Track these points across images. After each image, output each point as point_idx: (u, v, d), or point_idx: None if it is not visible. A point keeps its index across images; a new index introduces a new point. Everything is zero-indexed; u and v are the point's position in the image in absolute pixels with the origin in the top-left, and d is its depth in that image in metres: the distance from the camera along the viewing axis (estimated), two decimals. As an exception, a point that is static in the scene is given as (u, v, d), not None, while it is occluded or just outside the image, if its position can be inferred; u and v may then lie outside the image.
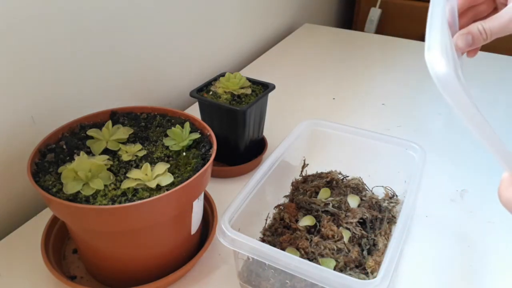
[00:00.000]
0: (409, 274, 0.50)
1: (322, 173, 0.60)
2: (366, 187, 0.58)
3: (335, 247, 0.47)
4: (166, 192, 0.40)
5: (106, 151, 0.46)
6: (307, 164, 0.60)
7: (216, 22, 0.91)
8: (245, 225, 0.45)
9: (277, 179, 0.52)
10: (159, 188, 0.42)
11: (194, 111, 0.64)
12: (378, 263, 0.45)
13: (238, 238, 0.40)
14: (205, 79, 0.67)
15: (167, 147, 0.48)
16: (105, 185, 0.41)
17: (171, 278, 0.46)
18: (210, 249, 0.50)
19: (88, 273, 0.49)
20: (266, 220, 0.52)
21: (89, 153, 0.46)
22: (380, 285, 0.36)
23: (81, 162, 0.42)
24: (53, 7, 0.56)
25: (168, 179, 0.42)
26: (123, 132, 0.49)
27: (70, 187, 0.40)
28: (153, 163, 0.45)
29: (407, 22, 1.33)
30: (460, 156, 0.70)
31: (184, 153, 0.47)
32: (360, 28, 1.46)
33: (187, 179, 0.42)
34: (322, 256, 0.46)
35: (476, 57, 0.49)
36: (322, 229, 0.50)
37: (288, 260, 0.38)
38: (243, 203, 0.45)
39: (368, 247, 0.48)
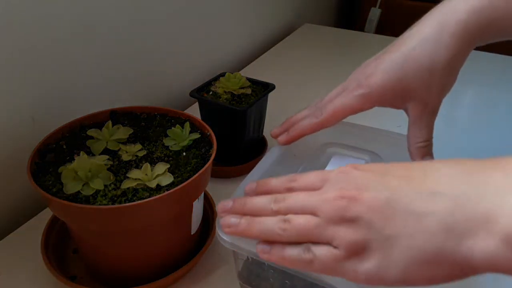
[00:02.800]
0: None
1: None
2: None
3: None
4: (166, 192, 0.40)
5: (106, 151, 0.46)
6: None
7: (216, 22, 0.91)
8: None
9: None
10: (159, 188, 0.42)
11: (194, 111, 0.64)
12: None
13: (238, 238, 0.40)
14: (205, 79, 0.67)
15: (167, 147, 0.48)
16: (105, 185, 0.41)
17: (171, 278, 0.46)
18: (210, 249, 0.50)
19: (88, 273, 0.49)
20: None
21: (89, 153, 0.46)
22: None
23: (81, 162, 0.42)
24: (54, 8, 0.56)
25: (168, 179, 0.42)
26: (123, 132, 0.49)
27: (70, 187, 0.40)
28: (153, 163, 0.45)
29: (407, 22, 1.33)
30: (460, 156, 0.70)
31: (184, 153, 0.47)
32: (360, 28, 1.46)
33: (187, 179, 0.42)
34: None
35: (476, 57, 0.49)
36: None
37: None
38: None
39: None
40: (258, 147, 0.68)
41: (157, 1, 0.73)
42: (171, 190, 0.41)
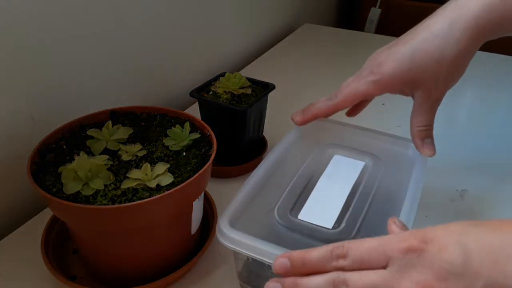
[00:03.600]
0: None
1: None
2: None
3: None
4: (166, 192, 0.40)
5: (106, 151, 0.46)
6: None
7: (216, 22, 0.91)
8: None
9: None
10: (159, 188, 0.42)
11: (194, 111, 0.64)
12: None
13: (238, 238, 0.40)
14: (205, 79, 0.67)
15: (167, 147, 0.48)
16: (105, 185, 0.41)
17: (171, 278, 0.46)
18: (210, 249, 0.50)
19: (88, 273, 0.49)
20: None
21: (89, 153, 0.46)
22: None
23: (81, 162, 0.42)
24: (54, 7, 0.56)
25: (168, 179, 0.42)
26: (123, 132, 0.49)
27: (70, 187, 0.40)
28: (153, 163, 0.45)
29: (407, 22, 1.33)
30: (461, 156, 0.70)
31: (184, 153, 0.47)
32: (360, 28, 1.46)
33: (187, 179, 0.42)
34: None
35: (476, 57, 0.49)
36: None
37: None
38: (243, 202, 0.45)
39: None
40: (258, 147, 0.68)
41: (157, 2, 0.73)
42: (171, 190, 0.41)
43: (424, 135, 0.49)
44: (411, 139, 0.51)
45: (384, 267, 0.28)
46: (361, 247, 0.30)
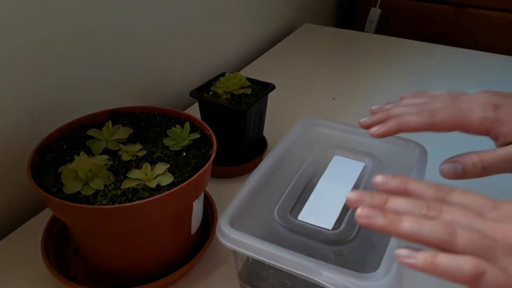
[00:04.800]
0: (409, 274, 0.50)
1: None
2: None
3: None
4: (166, 192, 0.40)
5: (106, 151, 0.46)
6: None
7: (216, 22, 0.91)
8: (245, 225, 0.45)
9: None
10: (159, 188, 0.42)
11: (194, 111, 0.64)
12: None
13: (238, 238, 0.40)
14: (205, 79, 0.67)
15: (167, 147, 0.48)
16: (105, 185, 0.41)
17: (171, 278, 0.46)
18: (210, 249, 0.50)
19: (88, 273, 0.49)
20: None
21: (89, 153, 0.46)
22: (383, 278, 0.36)
23: (81, 162, 0.42)
24: (53, 7, 0.56)
25: (168, 179, 0.42)
26: (123, 132, 0.49)
27: (70, 187, 0.40)
28: (153, 163, 0.45)
29: (407, 22, 1.33)
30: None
31: (184, 153, 0.47)
32: (360, 28, 1.46)
33: (187, 179, 0.42)
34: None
35: (476, 57, 0.49)
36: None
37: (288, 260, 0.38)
38: (243, 202, 0.45)
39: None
40: (258, 147, 0.68)
41: (157, 2, 0.73)
42: (171, 190, 0.41)
43: (468, 168, 0.45)
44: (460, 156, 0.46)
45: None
46: (468, 194, 0.30)
